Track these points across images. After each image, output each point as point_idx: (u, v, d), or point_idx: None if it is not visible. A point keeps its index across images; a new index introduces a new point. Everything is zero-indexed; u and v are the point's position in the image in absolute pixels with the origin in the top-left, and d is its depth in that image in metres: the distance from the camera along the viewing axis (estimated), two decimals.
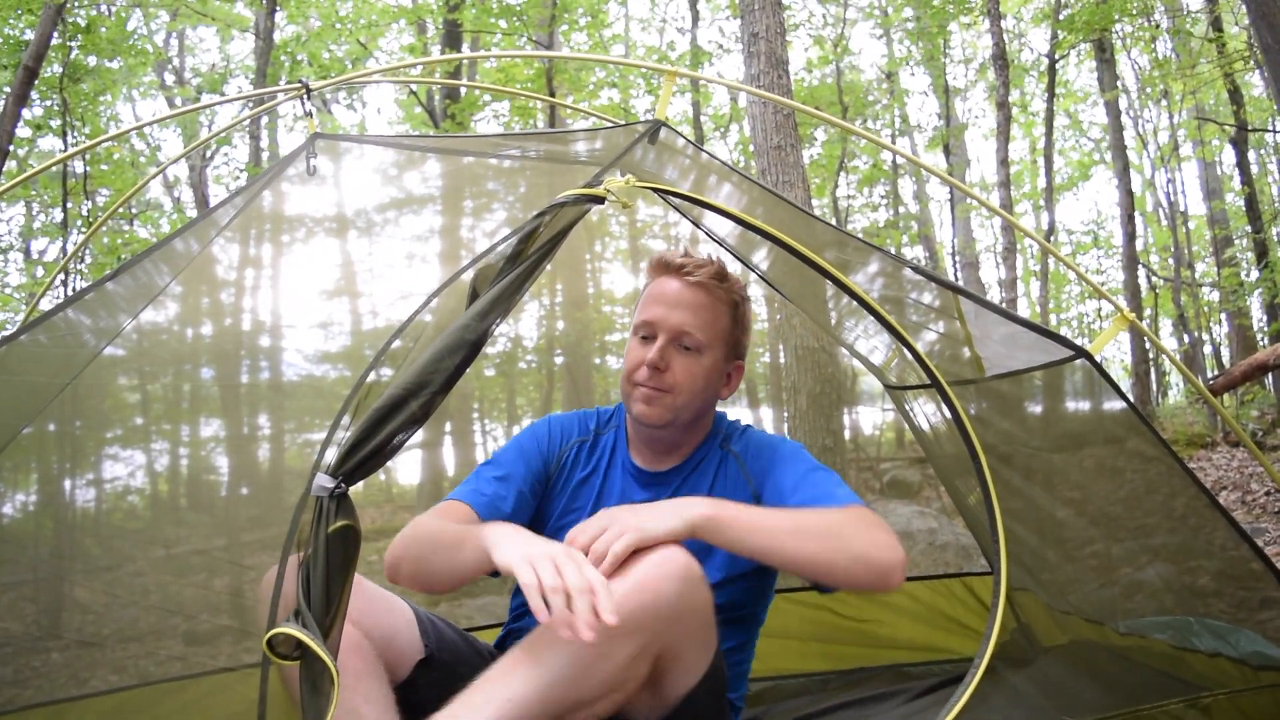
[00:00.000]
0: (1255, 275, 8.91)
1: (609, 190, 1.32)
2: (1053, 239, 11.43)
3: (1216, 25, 8.51)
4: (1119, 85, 10.41)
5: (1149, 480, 1.69)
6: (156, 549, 1.94)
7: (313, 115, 1.67)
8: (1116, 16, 8.18)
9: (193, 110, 7.14)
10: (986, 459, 1.67)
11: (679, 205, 2.01)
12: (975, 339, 1.82)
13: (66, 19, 5.83)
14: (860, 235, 2.54)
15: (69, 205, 6.40)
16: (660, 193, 1.58)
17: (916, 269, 1.80)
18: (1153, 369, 10.94)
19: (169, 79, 12.00)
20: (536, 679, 1.07)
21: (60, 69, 6.14)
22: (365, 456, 1.09)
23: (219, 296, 1.90)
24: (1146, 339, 4.67)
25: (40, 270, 8.20)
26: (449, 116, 8.22)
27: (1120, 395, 1.61)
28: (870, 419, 9.11)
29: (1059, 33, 8.91)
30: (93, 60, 6.63)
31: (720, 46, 10.58)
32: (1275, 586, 1.52)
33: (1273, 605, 1.54)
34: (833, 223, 2.69)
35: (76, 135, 6.44)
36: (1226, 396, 8.27)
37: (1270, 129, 9.98)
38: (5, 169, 4.87)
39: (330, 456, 1.30)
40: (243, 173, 9.18)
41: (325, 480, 1.07)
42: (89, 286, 1.45)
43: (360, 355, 1.91)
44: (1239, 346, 9.99)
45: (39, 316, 1.39)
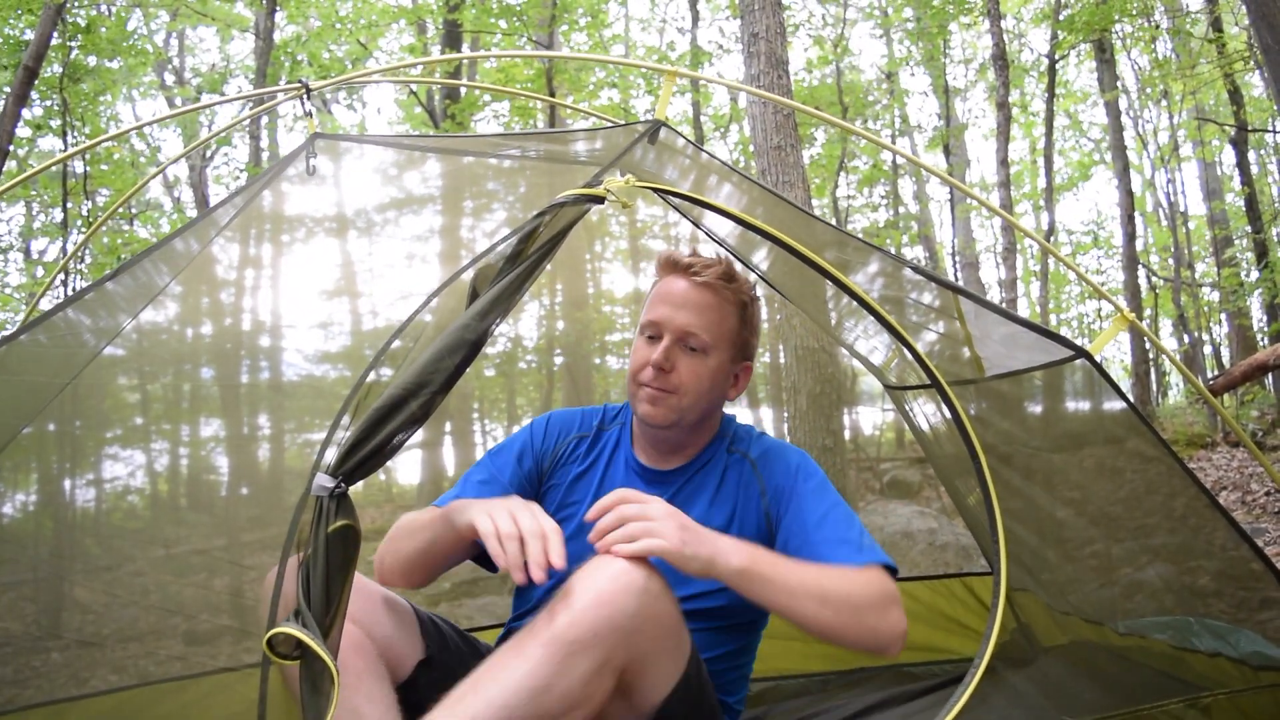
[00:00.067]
0: (1255, 275, 8.91)
1: (609, 190, 1.32)
2: (1053, 239, 11.44)
3: (1216, 25, 8.51)
4: (1119, 85, 10.42)
5: (1149, 480, 1.69)
6: (156, 549, 1.93)
7: (313, 115, 1.67)
8: (1116, 17, 8.18)
9: (193, 110, 7.14)
10: (986, 459, 1.66)
11: (679, 205, 2.01)
12: (975, 339, 1.82)
13: (66, 19, 5.84)
14: (860, 235, 2.53)
15: (69, 205, 6.41)
16: (660, 193, 1.57)
17: (916, 269, 1.79)
18: (1153, 369, 10.95)
19: (169, 79, 12.01)
20: (495, 697, 1.06)
21: (60, 69, 6.15)
22: (365, 456, 1.10)
23: (219, 296, 1.90)
24: (1146, 339, 4.67)
25: (40, 270, 8.22)
26: (449, 116, 8.23)
27: (1120, 395, 1.61)
28: (870, 419, 9.12)
29: (1059, 33, 8.91)
30: (93, 60, 6.64)
31: (720, 47, 10.59)
32: (1275, 587, 1.52)
33: (1273, 605, 1.53)
34: (833, 223, 2.68)
35: (76, 135, 6.45)
36: (1226, 397, 8.27)
37: (1270, 129, 9.99)
38: (5, 169, 4.86)
39: (330, 456, 1.30)
40: (242, 173, 9.19)
41: (325, 480, 1.07)
42: (89, 286, 1.45)
43: (360, 355, 1.91)
44: (1239, 347, 9.99)
45: (39, 316, 1.39)
